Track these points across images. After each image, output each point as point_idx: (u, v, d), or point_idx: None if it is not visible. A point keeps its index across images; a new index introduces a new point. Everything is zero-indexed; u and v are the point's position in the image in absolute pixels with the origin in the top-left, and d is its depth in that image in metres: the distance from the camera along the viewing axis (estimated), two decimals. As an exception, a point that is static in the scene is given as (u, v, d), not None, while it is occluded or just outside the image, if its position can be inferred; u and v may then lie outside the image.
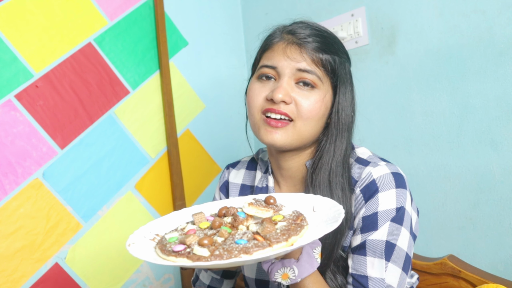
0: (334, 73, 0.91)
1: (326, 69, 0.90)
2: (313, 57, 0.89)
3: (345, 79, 0.93)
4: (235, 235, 0.68)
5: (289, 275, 0.75)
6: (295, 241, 0.67)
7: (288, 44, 0.91)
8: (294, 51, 0.90)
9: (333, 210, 0.74)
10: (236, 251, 0.62)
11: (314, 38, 0.90)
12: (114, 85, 1.56)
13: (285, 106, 0.88)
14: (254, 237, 0.66)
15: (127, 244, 0.69)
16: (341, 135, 0.91)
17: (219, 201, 0.88)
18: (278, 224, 0.70)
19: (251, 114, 0.94)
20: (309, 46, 0.89)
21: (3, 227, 1.28)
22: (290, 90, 0.89)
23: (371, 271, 0.84)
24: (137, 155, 1.59)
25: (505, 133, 1.25)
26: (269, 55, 0.93)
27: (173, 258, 0.65)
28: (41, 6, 1.41)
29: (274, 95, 0.88)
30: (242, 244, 0.64)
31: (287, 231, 0.67)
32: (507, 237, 1.26)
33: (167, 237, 0.71)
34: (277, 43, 0.93)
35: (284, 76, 0.89)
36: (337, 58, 0.92)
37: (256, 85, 0.93)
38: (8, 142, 1.32)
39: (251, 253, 0.62)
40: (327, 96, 0.91)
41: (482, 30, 1.28)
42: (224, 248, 0.64)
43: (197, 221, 0.75)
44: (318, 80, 0.89)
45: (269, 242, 0.65)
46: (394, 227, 0.85)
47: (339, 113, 0.91)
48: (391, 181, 0.87)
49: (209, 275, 1.11)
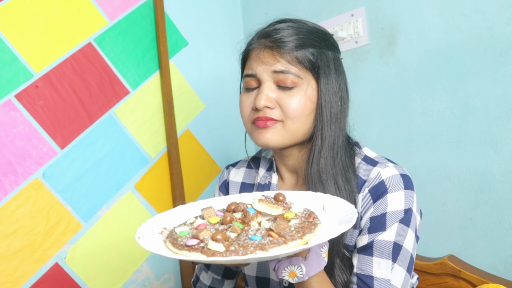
0: (313, 66, 0.90)
1: (303, 65, 0.89)
2: (287, 57, 0.89)
3: (327, 68, 0.91)
4: (248, 231, 0.67)
5: (296, 273, 0.75)
6: (309, 239, 0.66)
7: (261, 50, 0.91)
8: (267, 55, 0.90)
9: (346, 210, 0.74)
10: (251, 247, 0.62)
11: (289, 38, 0.90)
12: (114, 85, 1.56)
13: (270, 111, 0.89)
14: (269, 234, 0.66)
15: (137, 237, 0.69)
16: (328, 127, 0.90)
17: (226, 197, 0.87)
18: (291, 221, 0.70)
19: (244, 125, 0.97)
20: (283, 47, 0.89)
21: (3, 227, 1.28)
22: (272, 93, 0.90)
23: (377, 271, 0.84)
24: (137, 155, 1.59)
25: (505, 133, 1.25)
26: (249, 64, 0.94)
27: (186, 253, 0.64)
28: (41, 6, 1.41)
29: (256, 103, 0.89)
30: (257, 240, 0.64)
31: (301, 229, 0.67)
32: (507, 237, 1.26)
33: (177, 231, 0.70)
34: (253, 50, 0.94)
35: (264, 81, 0.90)
36: (315, 51, 0.90)
37: (244, 97, 0.95)
38: (8, 142, 1.32)
39: (267, 249, 0.62)
40: (309, 90, 0.90)
41: (482, 30, 1.28)
42: (239, 244, 0.63)
43: (206, 215, 0.75)
44: (297, 77, 0.89)
45: (284, 239, 0.64)
46: (401, 228, 0.85)
47: (322, 106, 0.90)
48: (400, 183, 0.88)
49: (210, 275, 1.11)
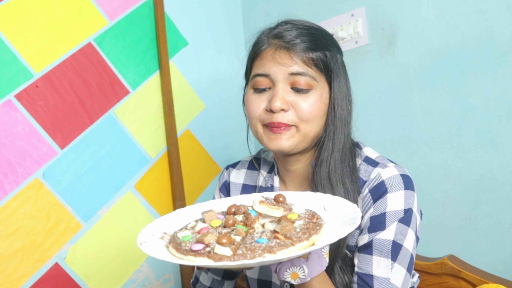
0: (327, 69, 0.90)
1: (318, 67, 0.89)
2: (303, 58, 0.88)
3: (338, 72, 0.91)
4: (253, 234, 0.66)
5: (299, 274, 0.75)
6: (315, 240, 0.65)
7: (277, 50, 0.89)
8: (283, 55, 0.88)
9: (348, 210, 0.73)
10: (259, 250, 0.61)
11: (302, 38, 0.89)
12: (114, 85, 1.56)
13: (283, 115, 0.88)
14: (275, 236, 0.65)
15: (138, 243, 0.67)
16: (339, 131, 0.91)
17: (224, 199, 0.86)
18: (295, 223, 0.69)
19: (252, 125, 0.94)
20: (297, 48, 0.88)
21: (3, 227, 1.28)
22: (287, 96, 0.88)
23: (377, 270, 0.84)
24: (137, 155, 1.59)
25: (505, 133, 1.25)
26: (260, 63, 0.92)
27: (192, 258, 0.62)
28: (41, 6, 1.41)
29: (272, 105, 0.87)
30: (264, 243, 0.62)
31: (307, 230, 0.66)
32: (507, 237, 1.26)
33: (180, 236, 0.69)
34: (265, 49, 0.92)
35: (278, 82, 0.89)
36: (327, 53, 0.90)
37: (253, 96, 0.93)
38: (8, 142, 1.32)
39: (275, 252, 0.61)
40: (324, 94, 0.90)
41: (482, 30, 1.28)
42: (246, 247, 0.62)
43: (207, 219, 0.73)
44: (313, 80, 0.88)
45: (291, 241, 0.63)
46: (401, 228, 0.86)
47: (335, 109, 0.91)
48: (400, 183, 0.88)
49: (210, 276, 1.10)
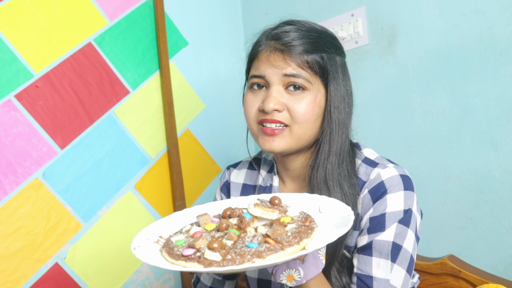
0: (323, 71, 0.90)
1: (313, 69, 0.89)
2: (298, 61, 0.88)
3: (335, 74, 0.91)
4: (244, 238, 0.66)
5: (294, 276, 0.74)
6: (306, 244, 0.65)
7: (272, 52, 0.90)
8: (277, 58, 0.89)
9: (342, 212, 0.73)
10: (248, 255, 0.61)
11: (299, 41, 0.89)
12: (114, 85, 1.56)
13: (278, 113, 0.88)
14: (265, 240, 0.64)
15: (132, 248, 0.67)
16: (336, 133, 0.90)
17: (221, 201, 0.86)
18: (287, 226, 0.68)
19: (248, 125, 0.95)
20: (293, 50, 0.88)
21: (3, 227, 1.28)
22: (280, 97, 0.88)
23: (376, 271, 0.84)
24: (137, 155, 1.59)
25: (505, 133, 1.25)
26: (256, 65, 0.93)
27: (183, 263, 0.62)
28: (41, 6, 1.41)
29: (265, 106, 0.88)
30: (254, 247, 0.62)
31: (298, 234, 0.66)
32: (507, 237, 1.26)
33: (173, 240, 0.69)
34: (262, 51, 0.92)
35: (273, 84, 0.89)
36: (324, 55, 0.90)
37: (249, 96, 0.94)
38: (8, 142, 1.31)
39: (264, 257, 0.60)
40: (318, 96, 0.90)
41: (482, 30, 1.28)
42: (236, 252, 0.62)
43: (202, 222, 0.73)
44: (307, 82, 0.88)
45: (281, 246, 0.63)
46: (401, 229, 0.85)
47: (331, 112, 0.90)
48: (400, 183, 0.88)
49: (211, 276, 1.11)
